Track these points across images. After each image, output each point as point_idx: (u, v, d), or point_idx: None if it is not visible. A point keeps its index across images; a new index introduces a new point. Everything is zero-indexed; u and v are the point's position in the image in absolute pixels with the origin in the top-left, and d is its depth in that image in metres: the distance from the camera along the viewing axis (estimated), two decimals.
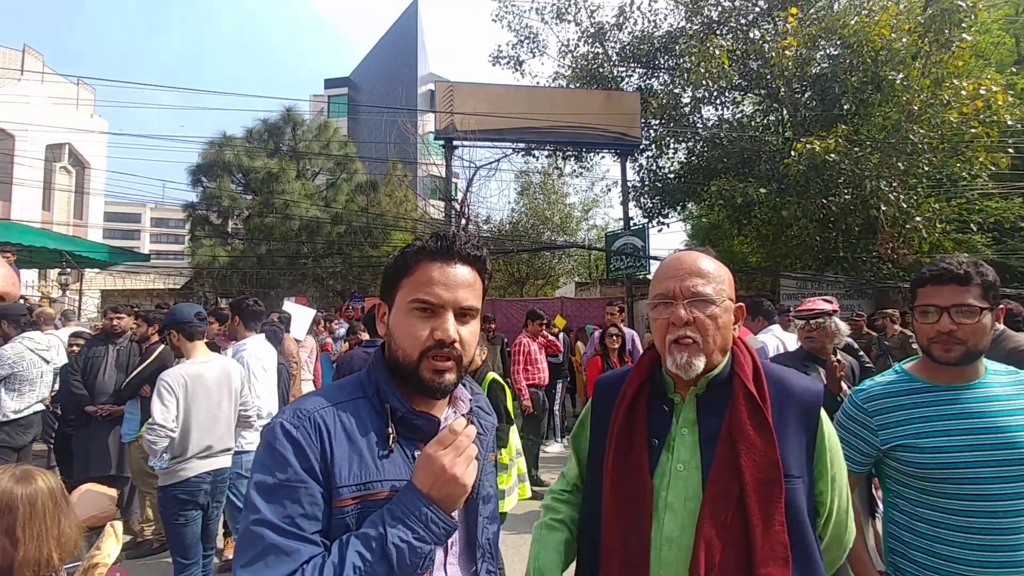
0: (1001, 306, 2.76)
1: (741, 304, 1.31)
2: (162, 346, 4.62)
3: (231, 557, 4.18)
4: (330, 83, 52.62)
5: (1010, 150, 11.44)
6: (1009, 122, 10.62)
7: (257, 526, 0.95)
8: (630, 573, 1.22)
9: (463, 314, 1.11)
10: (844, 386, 2.91)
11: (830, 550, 1.33)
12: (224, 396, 3.31)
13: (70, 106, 35.51)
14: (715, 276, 1.28)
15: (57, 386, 5.01)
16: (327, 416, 1.04)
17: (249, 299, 3.93)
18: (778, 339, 4.30)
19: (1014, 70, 14.10)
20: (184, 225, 19.29)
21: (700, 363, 1.21)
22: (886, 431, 1.67)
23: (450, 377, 1.10)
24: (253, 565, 0.93)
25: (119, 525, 1.66)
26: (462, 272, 1.12)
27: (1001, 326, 2.99)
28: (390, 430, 1.07)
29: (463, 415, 1.18)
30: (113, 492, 2.72)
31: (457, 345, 1.09)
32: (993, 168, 11.01)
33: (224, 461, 3.33)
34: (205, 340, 3.40)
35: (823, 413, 1.28)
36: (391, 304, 1.15)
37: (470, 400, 1.23)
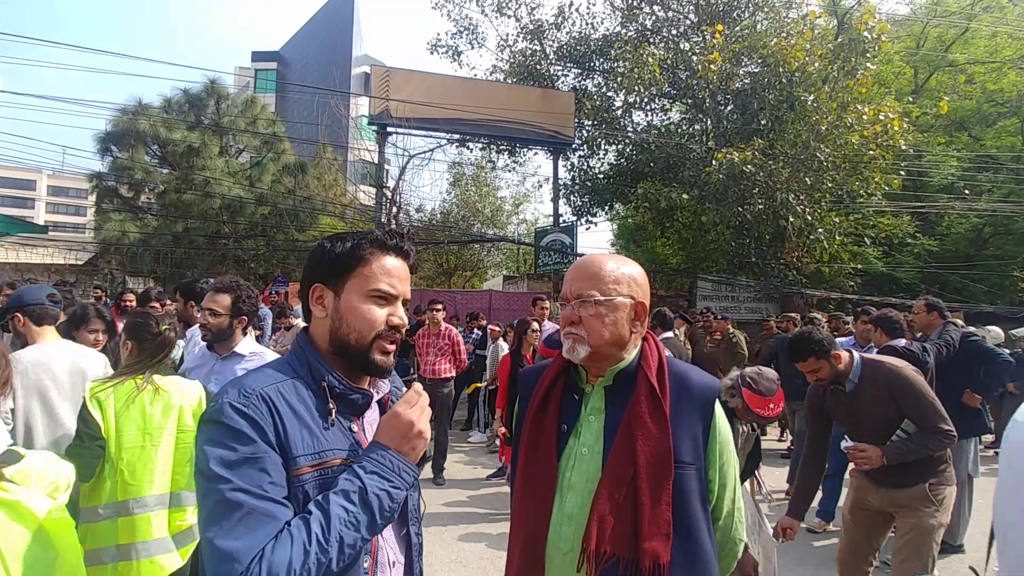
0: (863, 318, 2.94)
1: (642, 301, 1.42)
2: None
3: None
4: (258, 56, 50.30)
5: (902, 172, 12.65)
6: (903, 147, 11.73)
7: (233, 493, 0.96)
8: (530, 547, 1.35)
9: (404, 303, 1.23)
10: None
11: (723, 544, 1.41)
12: (77, 385, 3.11)
13: None
14: (608, 277, 1.38)
15: None
16: (271, 393, 1.07)
17: (200, 281, 3.77)
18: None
19: (911, 99, 15.49)
20: (87, 196, 17.93)
21: (583, 351, 1.35)
22: None
23: (393, 358, 1.20)
24: (234, 531, 0.94)
25: None
26: (406, 267, 1.24)
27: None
28: (331, 406, 1.13)
29: (399, 387, 1.31)
30: None
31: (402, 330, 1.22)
32: (887, 188, 12.16)
33: None
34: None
35: (718, 408, 1.40)
36: (338, 290, 1.18)
37: (388, 380, 1.32)
